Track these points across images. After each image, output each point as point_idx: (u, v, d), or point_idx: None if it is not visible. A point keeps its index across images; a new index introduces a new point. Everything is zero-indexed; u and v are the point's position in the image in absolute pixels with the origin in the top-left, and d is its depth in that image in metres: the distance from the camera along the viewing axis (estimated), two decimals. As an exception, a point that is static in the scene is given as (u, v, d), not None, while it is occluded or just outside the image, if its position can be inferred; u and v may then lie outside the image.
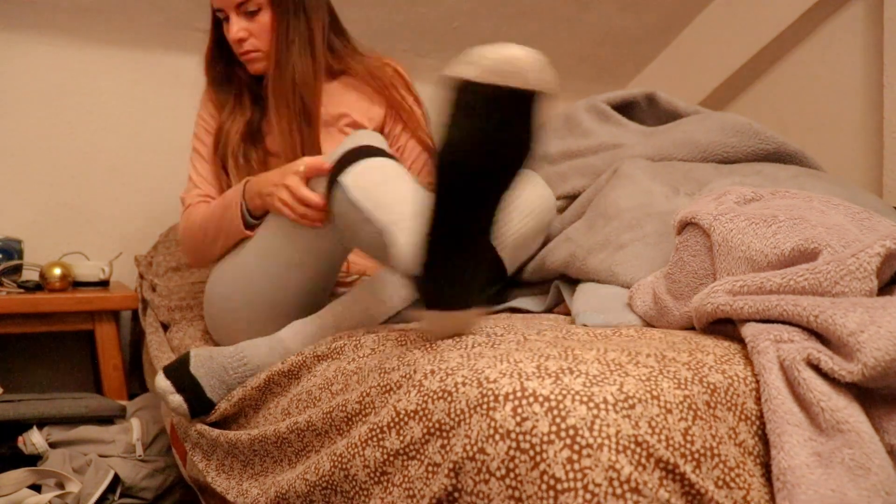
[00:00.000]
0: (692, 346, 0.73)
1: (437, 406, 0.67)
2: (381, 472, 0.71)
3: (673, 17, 2.48)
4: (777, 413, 0.63)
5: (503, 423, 0.61)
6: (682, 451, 0.60)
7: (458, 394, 0.66)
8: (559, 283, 1.21)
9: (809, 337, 0.67)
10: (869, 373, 0.61)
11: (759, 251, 0.78)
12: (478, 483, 0.61)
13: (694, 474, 0.60)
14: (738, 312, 0.74)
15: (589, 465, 0.57)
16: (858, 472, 0.58)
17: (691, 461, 0.60)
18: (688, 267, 0.89)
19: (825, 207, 0.83)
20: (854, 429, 0.60)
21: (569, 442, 0.58)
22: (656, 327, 0.94)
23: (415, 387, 0.71)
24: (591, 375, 0.63)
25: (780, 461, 0.60)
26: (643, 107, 1.53)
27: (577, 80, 2.71)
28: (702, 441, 0.62)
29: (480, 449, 0.61)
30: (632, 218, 1.12)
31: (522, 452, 0.59)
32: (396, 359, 0.78)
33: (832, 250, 0.72)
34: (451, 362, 0.70)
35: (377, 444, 0.72)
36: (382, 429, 0.72)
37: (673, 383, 0.65)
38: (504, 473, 0.60)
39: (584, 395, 0.61)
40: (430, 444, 0.67)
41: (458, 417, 0.65)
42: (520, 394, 0.62)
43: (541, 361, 0.65)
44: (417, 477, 0.67)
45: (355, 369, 0.85)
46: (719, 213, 0.86)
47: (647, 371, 0.65)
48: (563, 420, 0.59)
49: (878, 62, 1.99)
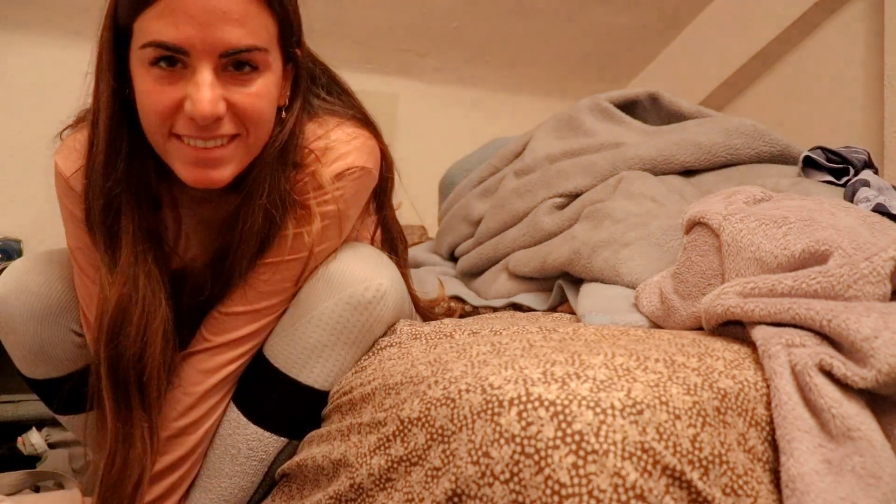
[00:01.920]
0: (702, 350, 0.72)
1: (440, 412, 0.67)
2: (385, 479, 0.71)
3: (673, 17, 2.48)
4: (787, 419, 0.62)
5: (508, 427, 0.60)
6: (690, 457, 0.60)
7: (461, 400, 0.65)
8: (562, 283, 1.21)
9: (822, 341, 0.66)
10: (883, 379, 0.60)
11: (769, 252, 0.77)
12: (482, 487, 0.61)
13: (701, 481, 0.59)
14: (748, 315, 0.73)
15: (594, 470, 0.57)
16: (869, 481, 0.57)
17: (699, 468, 0.60)
18: (696, 267, 0.88)
19: (835, 210, 0.82)
20: (865, 436, 0.59)
21: (574, 447, 0.57)
22: (663, 328, 0.94)
23: (418, 396, 0.70)
24: (598, 381, 0.63)
25: (790, 468, 0.60)
26: (646, 106, 1.52)
27: (577, 80, 2.70)
28: (710, 448, 0.61)
29: (485, 453, 0.61)
30: (637, 220, 1.12)
31: (527, 457, 0.58)
32: (400, 375, 0.77)
33: (843, 252, 0.71)
34: (454, 371, 0.69)
35: (383, 452, 0.72)
36: (388, 437, 0.72)
37: (682, 389, 0.64)
38: (508, 478, 0.59)
39: (591, 401, 0.60)
40: (432, 450, 0.66)
41: (460, 423, 0.64)
42: (525, 398, 0.61)
43: (547, 367, 0.64)
44: (418, 482, 0.67)
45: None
46: (729, 213, 0.85)
47: (655, 377, 0.64)
48: (570, 425, 0.58)
49: (878, 62, 1.99)
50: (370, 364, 0.89)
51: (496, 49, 2.43)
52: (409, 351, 0.84)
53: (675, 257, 1.00)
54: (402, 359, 0.81)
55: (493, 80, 2.55)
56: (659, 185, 1.25)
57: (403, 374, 0.76)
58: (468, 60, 2.45)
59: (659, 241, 1.08)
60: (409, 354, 0.82)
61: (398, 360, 0.82)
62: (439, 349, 0.79)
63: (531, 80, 2.62)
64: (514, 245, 1.41)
